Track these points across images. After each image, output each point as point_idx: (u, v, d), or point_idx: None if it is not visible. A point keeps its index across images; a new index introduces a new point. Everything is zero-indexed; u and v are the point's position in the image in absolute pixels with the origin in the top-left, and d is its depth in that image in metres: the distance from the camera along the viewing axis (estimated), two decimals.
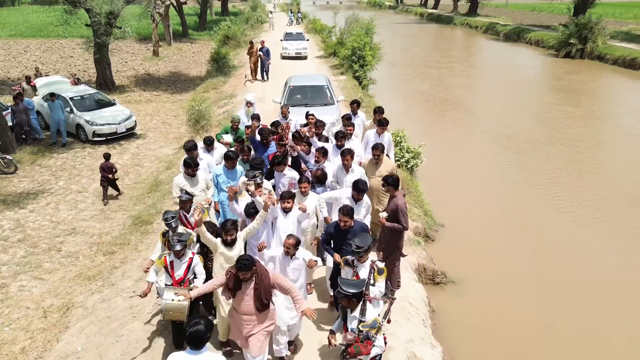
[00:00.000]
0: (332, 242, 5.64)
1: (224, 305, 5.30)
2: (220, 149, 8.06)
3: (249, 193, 5.95)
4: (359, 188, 5.98)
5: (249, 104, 10.14)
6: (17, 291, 7.62)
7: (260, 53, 19.53)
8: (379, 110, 9.05)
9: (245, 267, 4.44)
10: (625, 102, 20.81)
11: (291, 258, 5.24)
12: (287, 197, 5.89)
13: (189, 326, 3.65)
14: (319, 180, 6.74)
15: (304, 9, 58.71)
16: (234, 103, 16.90)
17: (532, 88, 23.33)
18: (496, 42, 39.60)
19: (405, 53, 33.26)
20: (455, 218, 9.99)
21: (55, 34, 35.96)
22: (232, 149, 7.77)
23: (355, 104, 9.70)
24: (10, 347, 6.39)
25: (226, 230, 5.23)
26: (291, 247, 5.13)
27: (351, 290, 4.13)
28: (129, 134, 15.01)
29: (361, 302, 4.19)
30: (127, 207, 10.56)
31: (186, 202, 6.19)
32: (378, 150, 7.05)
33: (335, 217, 5.91)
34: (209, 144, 7.97)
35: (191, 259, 5.35)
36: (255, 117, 8.81)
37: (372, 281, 4.63)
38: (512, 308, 7.43)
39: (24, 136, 14.09)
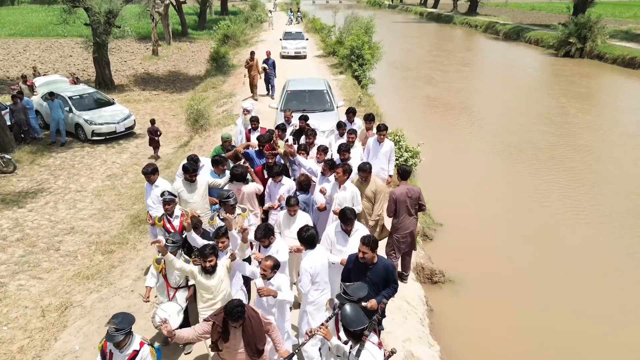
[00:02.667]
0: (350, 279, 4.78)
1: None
2: (207, 166, 7.19)
3: (222, 227, 5.24)
4: (346, 217, 5.22)
5: (246, 111, 9.45)
6: (16, 290, 7.62)
7: (265, 66, 16.68)
8: (368, 118, 8.55)
9: (239, 316, 3.83)
10: (628, 102, 20.79)
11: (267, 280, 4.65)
12: (262, 236, 5.11)
13: (303, 231, 4.88)
14: (302, 187, 6.29)
15: (304, 8, 58.72)
16: (233, 102, 16.89)
17: (532, 88, 23.32)
18: (496, 42, 39.58)
19: (404, 52, 33.24)
20: (454, 217, 10.00)
21: (54, 33, 35.96)
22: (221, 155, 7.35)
23: (350, 113, 9.11)
24: (8, 346, 6.40)
25: (204, 256, 4.66)
26: (268, 269, 4.56)
27: (352, 328, 3.63)
28: (128, 133, 15.01)
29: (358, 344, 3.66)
30: (126, 206, 10.57)
31: (170, 202, 5.94)
32: (365, 172, 6.39)
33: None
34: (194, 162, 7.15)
35: (135, 352, 3.95)
36: (255, 120, 8.61)
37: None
38: (510, 307, 7.43)
39: (22, 135, 14.09)
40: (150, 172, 6.71)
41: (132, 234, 9.00)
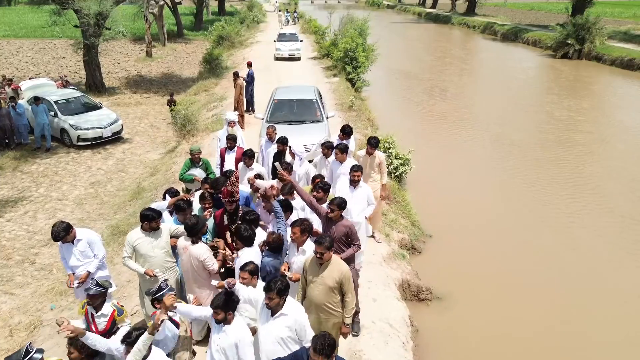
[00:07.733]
0: None
1: None
2: (165, 230, 5.46)
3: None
4: (269, 287, 4.09)
5: (231, 123, 8.82)
6: None
7: (244, 77, 14.79)
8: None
9: None
10: (628, 104, 20.50)
11: None
12: (218, 307, 4.01)
13: (242, 230, 4.92)
14: (271, 247, 5.00)
15: (302, 9, 58.43)
16: (224, 106, 16.55)
17: (529, 94, 22.96)
18: (494, 43, 39.22)
19: (401, 54, 32.89)
20: (444, 228, 9.65)
21: (49, 34, 35.64)
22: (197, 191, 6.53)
23: (346, 134, 8.10)
24: None
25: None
26: None
27: None
28: (115, 138, 14.70)
29: None
30: (107, 216, 10.27)
31: (96, 296, 4.55)
32: (322, 246, 4.53)
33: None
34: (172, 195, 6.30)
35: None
36: (232, 139, 8.03)
37: None
38: (501, 326, 7.10)
39: (7, 141, 13.80)
40: (65, 232, 5.35)
41: (110, 246, 8.66)
